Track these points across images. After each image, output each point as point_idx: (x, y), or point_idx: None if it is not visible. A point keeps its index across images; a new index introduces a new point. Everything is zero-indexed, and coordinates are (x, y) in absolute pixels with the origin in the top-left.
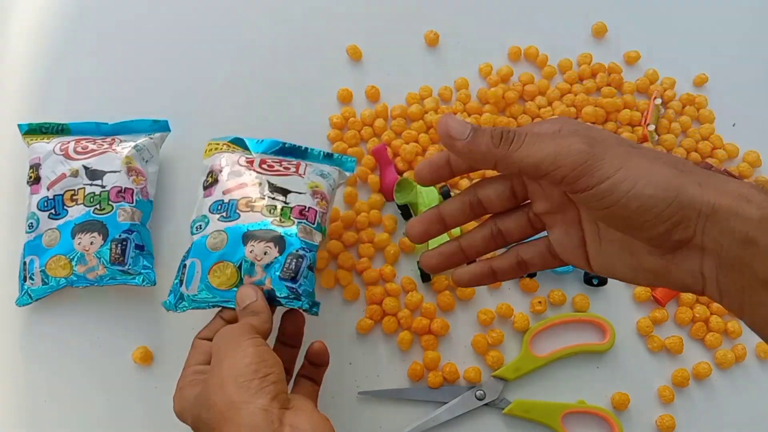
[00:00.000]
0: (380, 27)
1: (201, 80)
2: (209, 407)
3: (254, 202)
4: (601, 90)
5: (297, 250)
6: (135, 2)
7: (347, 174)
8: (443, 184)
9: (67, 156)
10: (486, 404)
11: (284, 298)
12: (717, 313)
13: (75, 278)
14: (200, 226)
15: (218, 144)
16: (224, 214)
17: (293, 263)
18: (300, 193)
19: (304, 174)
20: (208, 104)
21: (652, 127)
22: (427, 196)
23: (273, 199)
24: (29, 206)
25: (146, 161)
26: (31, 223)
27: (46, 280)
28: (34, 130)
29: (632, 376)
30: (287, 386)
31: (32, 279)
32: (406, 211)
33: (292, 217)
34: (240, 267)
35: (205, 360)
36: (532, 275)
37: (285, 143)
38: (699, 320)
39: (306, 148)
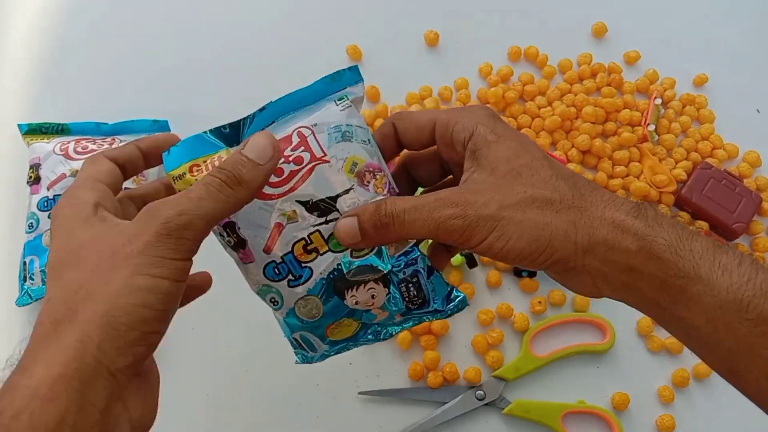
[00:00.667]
0: (380, 27)
1: (201, 80)
2: (76, 290)
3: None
4: (601, 90)
5: (403, 273)
6: (135, 2)
7: (358, 90)
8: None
9: (67, 156)
10: (486, 404)
11: (425, 315)
12: None
13: None
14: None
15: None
16: (291, 277)
17: (411, 288)
18: (344, 192)
19: (328, 153)
20: (208, 104)
21: (652, 127)
22: None
23: (316, 227)
24: (29, 206)
25: None
26: (31, 223)
27: (46, 280)
28: (34, 130)
29: (632, 376)
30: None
31: (32, 279)
32: None
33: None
34: (354, 316)
35: (98, 200)
36: (532, 275)
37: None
38: None
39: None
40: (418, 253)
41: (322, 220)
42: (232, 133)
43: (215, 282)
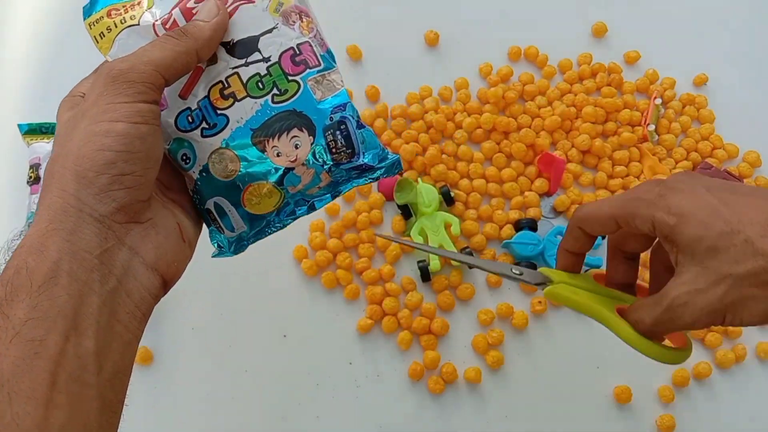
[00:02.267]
0: (380, 27)
1: None
2: (54, 159)
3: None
4: (601, 90)
5: (330, 119)
6: None
7: None
8: (443, 183)
9: None
10: (523, 281)
11: (354, 179)
12: None
13: None
14: (185, 155)
15: None
16: (205, 125)
17: (338, 137)
18: (267, 31)
19: None
20: None
21: (652, 127)
22: (427, 196)
23: (235, 69)
24: (29, 206)
25: None
26: (31, 223)
27: None
28: (34, 130)
29: (632, 375)
30: (151, 194)
31: None
32: (406, 211)
33: (290, 79)
34: (276, 181)
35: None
36: None
37: None
38: None
39: None
40: (347, 99)
41: (242, 61)
42: None
43: (215, 282)
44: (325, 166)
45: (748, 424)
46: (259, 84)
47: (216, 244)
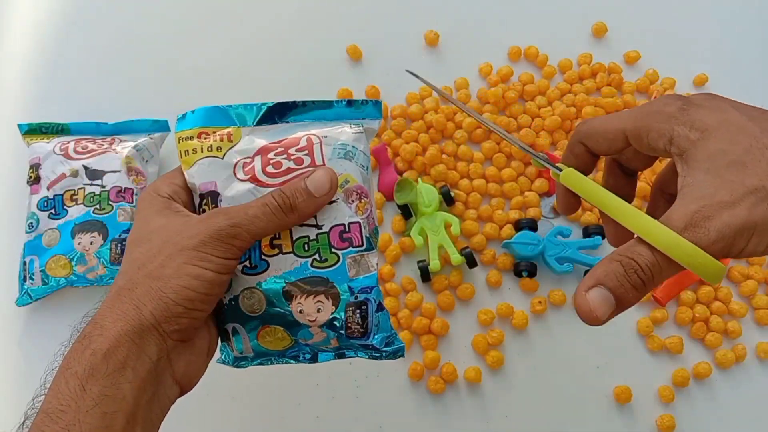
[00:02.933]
0: (380, 27)
1: (201, 80)
2: (138, 268)
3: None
4: (601, 90)
5: (355, 296)
6: (135, 2)
7: (375, 125)
8: (443, 183)
9: (67, 156)
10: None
11: (359, 351)
12: (717, 313)
13: (75, 278)
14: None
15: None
16: (247, 264)
17: (357, 314)
18: (329, 201)
19: (327, 164)
20: (208, 104)
21: None
22: (427, 196)
23: (300, 233)
24: (29, 206)
25: (146, 161)
26: (31, 223)
27: (46, 280)
28: (34, 130)
29: (632, 376)
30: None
31: (32, 279)
32: (406, 211)
33: (332, 251)
34: (291, 332)
35: (172, 193)
36: (532, 275)
37: (271, 104)
38: (699, 320)
39: (296, 104)
40: (376, 283)
41: (314, 228)
42: (247, 114)
43: None
44: (337, 334)
45: (748, 424)
46: (306, 246)
47: (223, 356)
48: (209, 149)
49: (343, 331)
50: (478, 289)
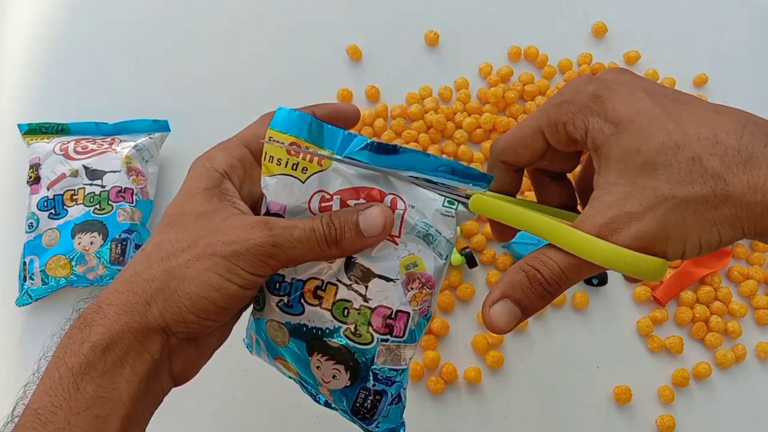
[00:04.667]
0: (380, 27)
1: (201, 80)
2: (155, 263)
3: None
4: None
5: (373, 383)
6: (135, 2)
7: (469, 214)
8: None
9: (67, 156)
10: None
11: (357, 423)
12: (717, 313)
13: (75, 278)
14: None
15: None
16: (285, 301)
17: (368, 401)
18: (386, 278)
19: (402, 237)
20: (208, 104)
21: None
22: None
23: (339, 282)
24: (29, 206)
25: (146, 161)
26: (31, 223)
27: (46, 279)
28: (34, 130)
29: (632, 376)
30: None
31: (32, 279)
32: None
33: (370, 330)
34: (305, 371)
35: (227, 168)
36: None
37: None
38: (699, 320)
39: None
40: (400, 379)
41: (348, 282)
42: (340, 139)
43: None
44: (343, 406)
45: (748, 424)
46: (345, 311)
47: (247, 341)
48: (294, 167)
49: (347, 408)
50: (478, 289)
